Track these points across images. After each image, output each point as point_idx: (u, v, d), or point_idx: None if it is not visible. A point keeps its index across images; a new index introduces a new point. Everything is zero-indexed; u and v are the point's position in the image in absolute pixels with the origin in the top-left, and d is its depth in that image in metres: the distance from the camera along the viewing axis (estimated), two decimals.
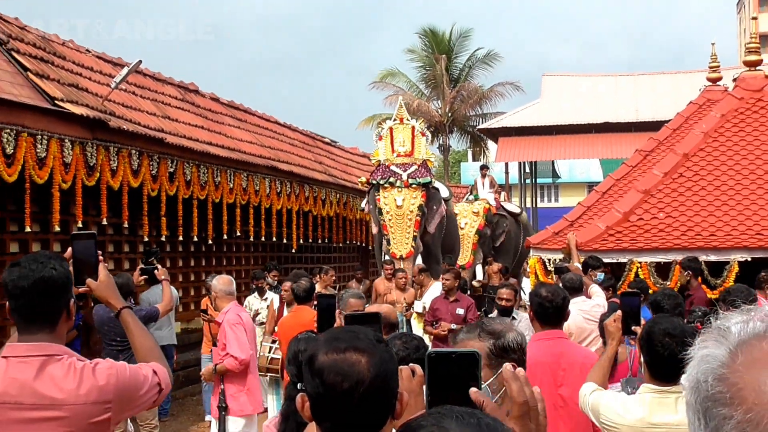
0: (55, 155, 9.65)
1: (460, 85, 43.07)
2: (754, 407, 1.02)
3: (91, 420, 2.93)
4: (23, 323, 2.99)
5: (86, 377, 2.94)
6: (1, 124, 8.93)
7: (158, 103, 13.55)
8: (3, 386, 2.90)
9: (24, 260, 3.04)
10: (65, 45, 12.28)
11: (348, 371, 1.93)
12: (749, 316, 1.12)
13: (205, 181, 13.05)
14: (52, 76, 10.60)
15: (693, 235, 10.44)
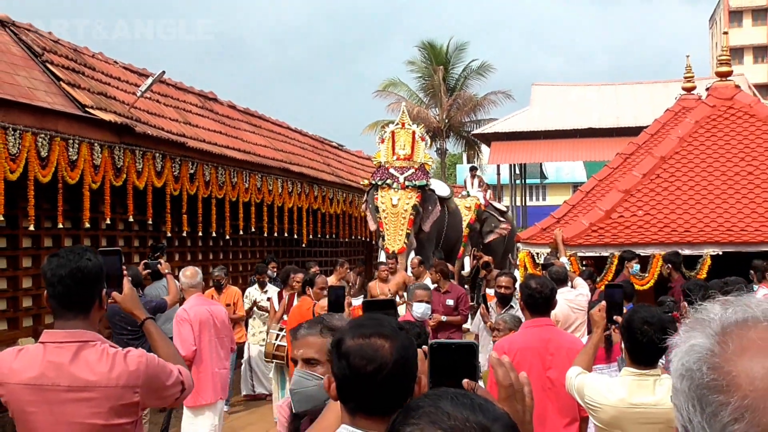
0: (85, 158, 9.66)
1: (456, 94, 43.06)
2: (750, 393, 1.00)
3: (120, 402, 2.94)
4: (59, 309, 3.01)
5: (118, 362, 2.96)
6: (37, 129, 8.93)
7: (180, 110, 13.54)
8: (41, 369, 2.91)
9: (62, 252, 3.07)
10: (95, 57, 12.28)
11: (372, 355, 1.96)
12: (728, 306, 1.11)
13: (223, 181, 13.05)
14: (82, 86, 10.59)
15: (669, 231, 10.45)
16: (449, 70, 43.47)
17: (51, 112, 9.30)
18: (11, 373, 2.96)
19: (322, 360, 2.72)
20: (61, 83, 10.22)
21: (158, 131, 11.42)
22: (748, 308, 1.09)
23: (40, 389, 2.90)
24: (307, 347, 2.78)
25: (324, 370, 2.68)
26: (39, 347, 2.99)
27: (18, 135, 8.63)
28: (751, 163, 11.08)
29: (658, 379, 3.80)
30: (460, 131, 43.82)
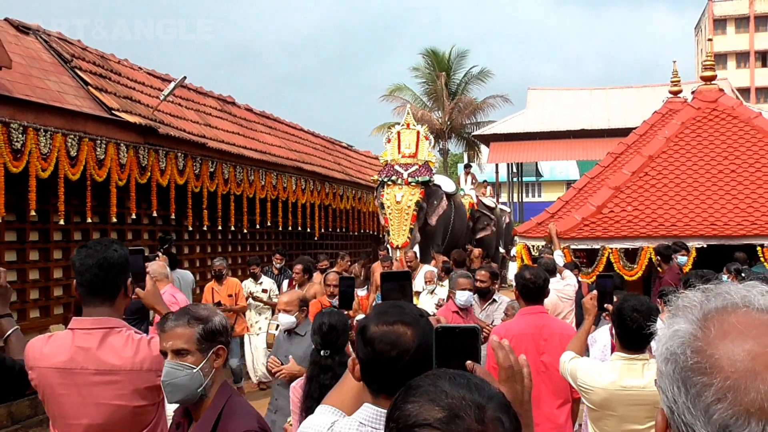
0: (112, 157, 9.67)
1: (457, 98, 43.03)
2: (732, 375, 0.99)
3: (144, 385, 2.95)
4: (87, 296, 3.02)
5: (142, 348, 2.97)
6: (66, 130, 8.94)
7: (200, 113, 13.55)
8: (70, 354, 2.92)
9: (90, 243, 3.09)
10: (120, 63, 12.28)
11: (396, 341, 1.97)
12: (709, 294, 1.10)
13: (241, 179, 13.06)
14: (109, 90, 10.60)
15: (656, 226, 10.43)
16: (451, 75, 43.42)
17: (80, 115, 9.30)
18: (42, 357, 2.96)
19: (191, 350, 2.68)
20: (89, 87, 10.23)
21: (180, 132, 11.42)
22: (727, 295, 1.09)
23: (69, 373, 2.91)
24: (176, 338, 2.68)
25: (194, 359, 2.67)
26: (68, 333, 3.00)
27: (49, 136, 8.64)
28: (734, 162, 11.06)
29: (646, 363, 3.81)
30: (461, 133, 43.76)
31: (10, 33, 9.79)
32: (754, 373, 0.98)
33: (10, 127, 8.09)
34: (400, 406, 1.26)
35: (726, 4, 64.97)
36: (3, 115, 8.04)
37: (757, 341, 1.01)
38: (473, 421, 1.20)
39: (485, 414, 1.22)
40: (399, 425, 1.24)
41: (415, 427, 1.21)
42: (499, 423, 1.22)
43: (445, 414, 1.21)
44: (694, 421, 1.01)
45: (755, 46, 63.28)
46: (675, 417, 1.05)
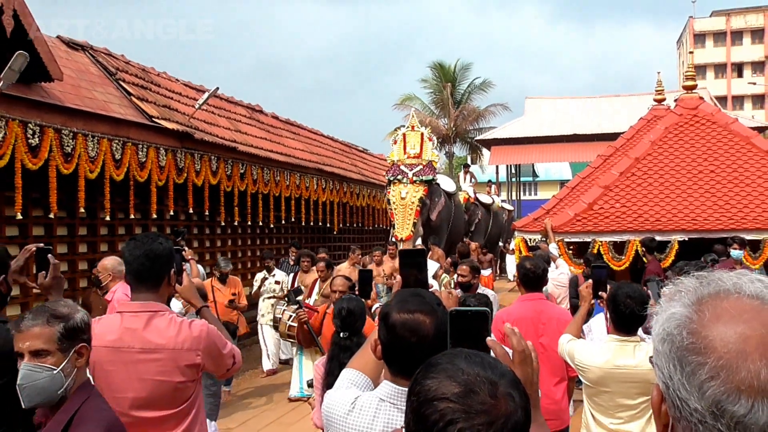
0: (152, 160, 9.70)
1: (462, 106, 43.03)
2: (724, 355, 0.98)
3: (184, 363, 2.96)
4: (135, 283, 3.04)
5: (183, 329, 2.99)
6: (112, 136, 8.96)
7: (231, 120, 13.57)
8: (119, 334, 2.95)
9: (139, 236, 3.11)
10: (160, 75, 12.31)
11: (416, 329, 1.97)
12: (702, 280, 1.09)
13: (268, 179, 13.08)
14: (150, 99, 10.63)
15: (642, 221, 10.39)
16: (456, 86, 43.40)
17: (124, 122, 9.34)
18: (93, 336, 2.96)
19: (51, 350, 2.40)
20: (132, 97, 10.26)
21: (213, 138, 11.44)
22: (720, 282, 1.07)
23: (118, 351, 2.93)
24: (33, 339, 2.39)
25: (55, 360, 2.40)
26: (117, 316, 3.02)
27: (96, 141, 8.67)
28: (713, 163, 11.00)
29: (637, 345, 3.83)
30: (465, 138, 43.75)
31: (62, 49, 9.83)
32: (745, 354, 0.97)
33: (61, 133, 8.13)
34: (420, 382, 1.28)
35: (705, 20, 64.75)
36: (55, 122, 8.07)
37: (747, 325, 1.00)
38: (487, 395, 1.22)
39: (497, 390, 1.23)
40: (419, 398, 1.25)
41: (434, 401, 1.22)
42: (510, 398, 1.24)
43: (462, 389, 1.22)
44: (688, 397, 1.00)
45: (731, 58, 63.01)
46: (670, 392, 1.04)
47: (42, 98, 8.07)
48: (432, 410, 1.21)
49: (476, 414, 1.19)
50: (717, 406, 0.97)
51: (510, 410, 1.22)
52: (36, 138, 7.74)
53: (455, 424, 1.19)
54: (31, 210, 8.43)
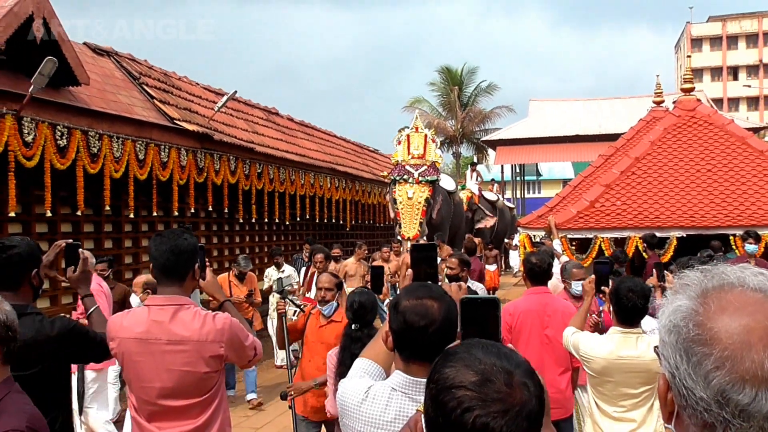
0: (174, 160, 9.73)
1: (468, 109, 43.00)
2: (729, 346, 0.98)
3: (209, 354, 2.95)
4: (161, 277, 3.03)
5: (207, 322, 2.97)
6: (135, 137, 8.99)
7: (249, 122, 13.59)
8: (147, 327, 2.95)
9: (165, 232, 3.10)
10: (180, 80, 12.35)
11: (424, 313, 1.96)
12: (707, 274, 1.09)
13: (284, 178, 13.09)
14: (171, 102, 10.66)
15: (642, 218, 10.35)
16: (463, 89, 43.37)
17: (147, 124, 9.36)
18: (122, 329, 2.99)
19: None
20: (154, 101, 10.29)
21: (232, 139, 11.46)
22: (724, 275, 1.07)
23: (146, 342, 2.93)
24: None
25: None
26: (144, 309, 3.02)
27: (120, 142, 8.70)
28: (710, 162, 10.94)
29: (639, 337, 3.82)
30: (471, 138, 43.71)
31: (88, 55, 9.87)
32: (749, 345, 0.97)
33: (88, 135, 8.16)
34: (439, 370, 1.28)
35: (702, 26, 64.43)
36: (82, 124, 8.10)
37: (751, 317, 0.99)
38: (503, 384, 1.22)
39: (513, 379, 1.23)
40: (438, 386, 1.25)
41: (452, 389, 1.23)
42: (524, 387, 1.23)
43: (478, 378, 1.23)
44: (694, 386, 1.00)
45: (727, 62, 62.71)
46: (676, 381, 1.04)
47: (70, 102, 8.11)
48: (450, 397, 1.22)
49: (492, 402, 1.20)
50: (722, 395, 0.97)
51: (525, 399, 1.22)
52: (64, 139, 7.78)
53: (472, 411, 1.19)
54: (60, 208, 8.47)
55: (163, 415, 2.95)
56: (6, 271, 3.05)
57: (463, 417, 1.19)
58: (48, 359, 3.00)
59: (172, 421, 2.95)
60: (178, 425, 2.95)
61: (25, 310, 3.03)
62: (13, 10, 7.16)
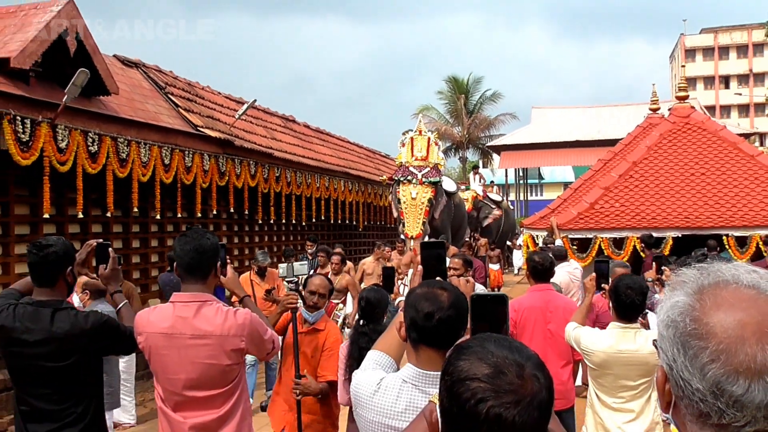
0: (197, 165, 9.75)
1: (474, 116, 42.95)
2: (724, 340, 0.97)
3: (230, 347, 2.94)
4: (185, 275, 3.02)
5: (229, 317, 2.96)
6: (161, 143, 9.02)
7: (268, 128, 13.62)
8: (172, 322, 2.94)
9: (188, 232, 3.08)
10: (204, 89, 12.39)
11: (433, 299, 1.97)
12: (702, 272, 1.08)
13: (300, 182, 13.11)
14: (195, 110, 10.70)
15: (640, 219, 10.31)
16: (469, 97, 43.34)
17: (172, 131, 9.40)
18: (149, 324, 2.99)
19: None
20: (179, 109, 10.33)
21: (252, 144, 11.49)
22: (719, 273, 1.06)
23: (171, 337, 2.93)
24: None
25: None
26: (170, 305, 3.00)
27: (147, 148, 8.74)
28: (704, 166, 10.89)
29: (638, 331, 3.80)
30: (477, 144, 43.68)
31: (118, 66, 9.92)
32: (743, 339, 0.97)
33: (117, 141, 8.20)
34: (453, 363, 1.28)
35: (695, 37, 64.16)
36: (111, 131, 8.14)
37: (745, 312, 0.99)
38: (514, 376, 1.22)
39: (524, 371, 1.24)
40: (453, 378, 1.25)
41: (466, 380, 1.23)
42: (535, 378, 1.24)
43: (491, 370, 1.23)
44: (690, 378, 1.00)
45: (719, 71, 62.41)
46: (674, 373, 1.03)
47: (100, 110, 8.15)
48: (464, 389, 1.22)
49: (504, 393, 1.20)
50: (717, 387, 0.97)
51: (535, 390, 1.22)
52: (95, 146, 7.82)
53: (485, 402, 1.19)
54: (91, 209, 8.51)
55: (187, 405, 2.96)
56: (44, 269, 3.07)
57: (477, 407, 1.19)
58: (82, 351, 3.02)
59: (196, 410, 2.96)
60: (202, 414, 2.96)
61: (61, 305, 3.06)
62: (48, 26, 7.22)
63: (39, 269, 3.08)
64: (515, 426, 1.19)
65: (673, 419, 1.09)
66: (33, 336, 2.97)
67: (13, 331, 2.99)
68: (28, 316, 3.00)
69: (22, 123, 6.80)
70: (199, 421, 2.95)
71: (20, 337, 2.98)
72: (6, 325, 3.01)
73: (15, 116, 6.72)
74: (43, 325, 2.98)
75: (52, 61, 7.41)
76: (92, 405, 3.10)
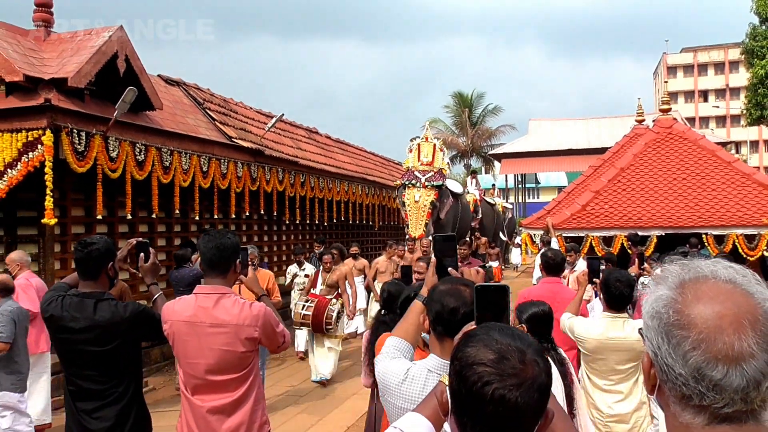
0: (232, 172, 9.79)
1: (477, 127, 42.92)
2: (704, 330, 0.98)
3: (245, 336, 2.93)
4: (207, 270, 3.01)
5: (245, 308, 2.94)
6: (200, 153, 9.08)
7: (294, 139, 13.65)
8: (194, 311, 2.94)
9: (212, 231, 3.08)
10: (237, 104, 12.43)
11: (457, 296, 1.94)
12: (684, 267, 1.08)
13: (323, 187, 13.13)
14: (229, 124, 10.74)
15: (627, 219, 10.24)
16: (473, 111, 43.32)
17: (209, 142, 9.45)
18: (173, 313, 2.99)
19: None
20: (216, 122, 10.37)
21: (280, 154, 11.53)
22: (699, 269, 1.06)
23: (193, 325, 2.92)
24: None
25: None
26: (192, 297, 3.00)
27: (188, 157, 8.79)
28: (685, 171, 10.80)
29: (626, 320, 3.78)
30: (480, 152, 43.58)
31: (161, 84, 9.99)
32: (721, 329, 0.97)
33: (161, 151, 8.26)
34: (462, 349, 1.28)
35: (676, 55, 63.69)
36: (156, 142, 8.20)
37: (723, 305, 0.99)
38: (517, 361, 1.22)
39: (526, 357, 1.24)
40: (461, 363, 1.26)
41: (473, 365, 1.23)
42: (536, 363, 1.24)
43: (496, 356, 1.23)
44: (673, 364, 1.00)
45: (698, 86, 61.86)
46: (659, 359, 1.03)
47: (146, 124, 8.21)
48: (471, 372, 1.23)
49: (508, 377, 1.20)
50: (698, 372, 0.97)
51: (536, 373, 1.22)
52: (142, 155, 7.88)
53: (491, 385, 1.20)
54: (138, 211, 8.57)
55: (205, 388, 2.94)
56: (87, 264, 3.09)
57: (483, 389, 1.20)
58: (122, 337, 3.03)
59: (213, 393, 2.94)
60: (218, 397, 2.94)
61: (103, 296, 3.08)
62: (101, 49, 7.29)
63: (83, 264, 3.10)
64: (518, 406, 1.19)
65: (657, 401, 1.09)
66: (78, 324, 2.99)
67: (61, 319, 3.02)
68: (74, 306, 3.02)
69: (78, 135, 6.87)
70: (216, 404, 2.93)
71: (67, 324, 3.00)
72: (55, 314, 3.03)
73: (72, 129, 6.80)
74: (87, 314, 3.00)
75: (104, 81, 7.48)
76: (132, 385, 3.12)
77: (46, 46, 7.52)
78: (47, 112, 6.62)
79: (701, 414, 0.99)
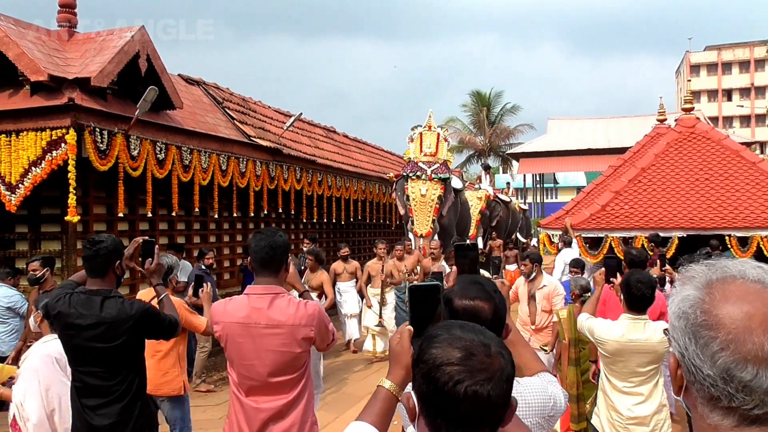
0: (250, 170, 9.86)
1: (495, 126, 42.69)
2: (733, 330, 0.97)
3: (301, 336, 2.92)
4: (259, 269, 2.99)
5: (300, 308, 2.93)
6: (219, 152, 9.15)
7: (311, 138, 13.70)
8: (247, 312, 2.92)
9: (263, 231, 3.06)
10: (256, 104, 12.51)
11: (477, 314, 1.83)
12: (710, 267, 1.07)
13: (340, 185, 13.17)
14: (248, 122, 10.81)
15: (647, 220, 10.16)
16: (491, 110, 43.08)
17: (228, 140, 9.52)
18: (226, 314, 2.98)
19: None
20: (235, 121, 10.45)
21: (298, 152, 11.58)
22: (726, 269, 1.05)
23: (247, 326, 2.90)
24: None
25: None
26: (245, 297, 2.97)
27: (207, 155, 8.87)
28: (708, 172, 10.68)
29: (647, 322, 3.75)
30: (498, 151, 43.38)
31: (182, 84, 10.08)
32: (750, 330, 0.96)
33: (181, 150, 8.34)
34: (426, 351, 1.27)
35: (699, 53, 62.87)
36: (176, 141, 8.29)
37: (752, 305, 0.98)
38: (483, 356, 1.23)
39: (491, 350, 1.25)
40: (428, 365, 1.25)
41: (441, 366, 1.23)
42: (500, 355, 1.25)
43: (463, 354, 1.23)
44: (701, 365, 0.99)
45: (722, 85, 61.08)
46: (686, 360, 1.02)
47: (167, 122, 8.30)
48: (441, 373, 1.22)
49: (477, 372, 1.21)
50: (727, 373, 0.96)
51: (502, 365, 1.24)
52: (162, 154, 7.97)
53: (462, 383, 1.20)
54: (159, 209, 8.67)
55: (260, 390, 2.92)
56: (95, 262, 3.12)
57: (455, 388, 1.20)
58: (128, 334, 3.06)
59: (268, 395, 2.91)
60: (273, 399, 2.91)
61: (110, 293, 3.11)
62: (123, 49, 7.39)
63: (91, 262, 3.13)
64: (490, 399, 1.20)
65: (684, 402, 1.08)
66: (85, 320, 3.02)
67: (68, 316, 3.05)
68: (81, 303, 3.05)
69: (100, 134, 6.98)
70: (272, 406, 2.91)
71: (74, 321, 3.04)
72: (62, 311, 3.07)
73: (95, 128, 6.90)
74: (94, 311, 3.03)
75: (126, 80, 7.57)
76: (135, 383, 3.14)
77: (69, 46, 7.64)
78: (71, 111, 6.73)
79: (730, 415, 0.98)
